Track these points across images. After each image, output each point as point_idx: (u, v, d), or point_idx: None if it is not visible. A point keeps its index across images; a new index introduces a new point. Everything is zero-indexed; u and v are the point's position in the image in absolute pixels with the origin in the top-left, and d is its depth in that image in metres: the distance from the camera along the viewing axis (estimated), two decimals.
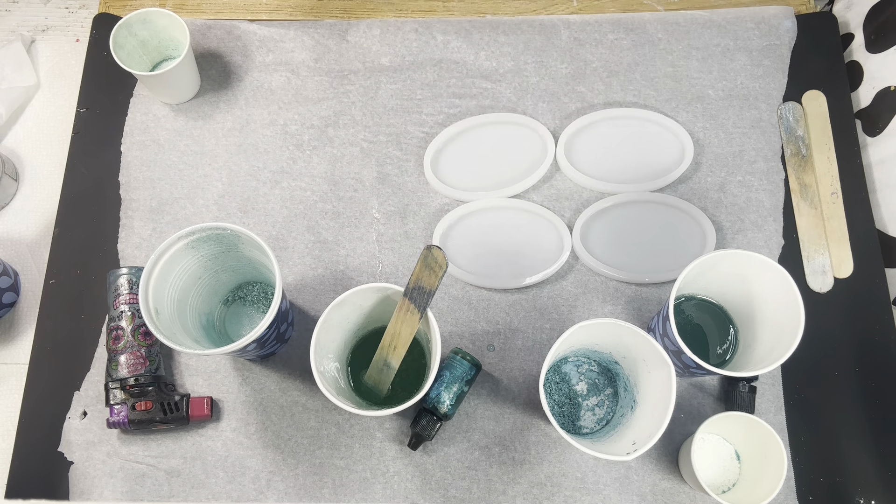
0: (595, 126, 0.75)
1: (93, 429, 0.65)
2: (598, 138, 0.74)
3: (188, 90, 0.75)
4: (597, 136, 0.74)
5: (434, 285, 0.54)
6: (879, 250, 0.71)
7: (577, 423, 0.64)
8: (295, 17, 0.81)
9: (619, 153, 0.74)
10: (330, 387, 0.54)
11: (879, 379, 0.66)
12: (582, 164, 0.73)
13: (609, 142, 0.74)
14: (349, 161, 0.74)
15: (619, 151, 0.74)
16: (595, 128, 0.74)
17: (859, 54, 0.77)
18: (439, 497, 0.63)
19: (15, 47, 0.80)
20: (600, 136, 0.74)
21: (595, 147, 0.74)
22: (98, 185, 0.73)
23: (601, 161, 0.73)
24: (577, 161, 0.73)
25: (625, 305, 0.69)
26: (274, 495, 0.63)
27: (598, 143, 0.74)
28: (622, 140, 0.74)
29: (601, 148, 0.74)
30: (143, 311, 0.53)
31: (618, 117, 0.75)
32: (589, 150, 0.73)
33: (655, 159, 0.74)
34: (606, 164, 0.73)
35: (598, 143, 0.74)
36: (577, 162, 0.73)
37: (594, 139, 0.74)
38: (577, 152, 0.73)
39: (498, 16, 0.81)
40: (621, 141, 0.74)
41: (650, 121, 0.75)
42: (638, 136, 0.74)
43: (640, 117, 0.75)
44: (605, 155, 0.73)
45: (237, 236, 0.57)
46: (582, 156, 0.73)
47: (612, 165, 0.73)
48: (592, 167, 0.73)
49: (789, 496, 0.63)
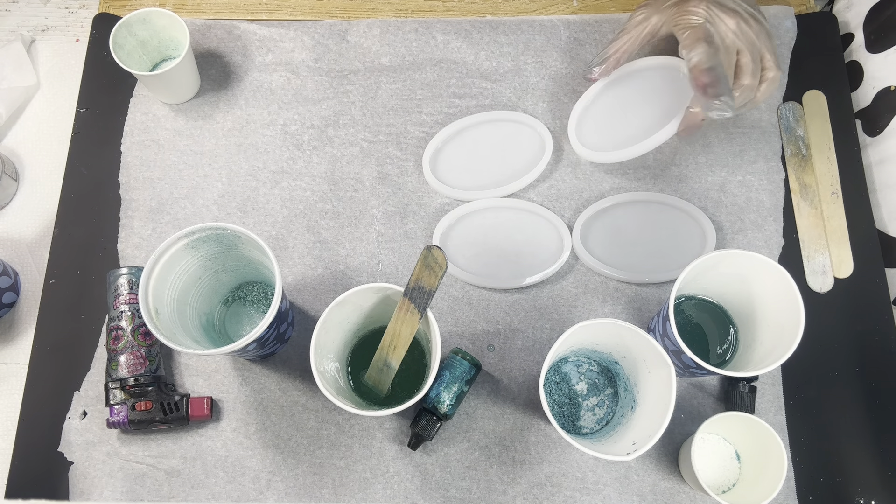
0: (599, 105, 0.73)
1: (93, 429, 0.65)
2: (606, 108, 0.73)
3: (188, 90, 0.75)
4: (605, 105, 0.73)
5: (434, 285, 0.54)
6: (879, 250, 0.71)
7: (577, 423, 0.64)
8: (295, 17, 0.81)
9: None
10: (330, 387, 0.54)
11: (879, 379, 0.66)
12: (589, 140, 0.72)
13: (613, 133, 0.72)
14: (349, 161, 0.74)
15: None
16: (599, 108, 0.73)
17: (859, 54, 0.77)
18: (439, 497, 0.63)
19: (15, 47, 0.80)
20: (607, 105, 0.73)
21: (603, 121, 0.72)
22: (98, 185, 0.73)
23: (608, 134, 0.71)
24: (585, 138, 0.72)
25: (625, 305, 0.69)
26: (274, 495, 0.63)
27: (605, 116, 0.72)
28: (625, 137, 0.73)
29: (608, 124, 0.72)
30: (142, 311, 0.53)
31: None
32: (597, 126, 0.72)
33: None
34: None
35: (605, 114, 0.72)
36: (585, 140, 0.72)
37: (604, 109, 0.73)
38: (586, 128, 0.72)
39: (498, 16, 0.81)
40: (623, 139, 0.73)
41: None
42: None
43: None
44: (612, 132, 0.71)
45: (237, 236, 0.57)
46: (590, 134, 0.72)
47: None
48: (600, 139, 0.71)
49: (789, 496, 0.63)
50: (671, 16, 0.64)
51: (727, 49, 0.61)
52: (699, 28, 0.60)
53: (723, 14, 0.61)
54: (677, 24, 0.63)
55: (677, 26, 0.63)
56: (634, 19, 0.67)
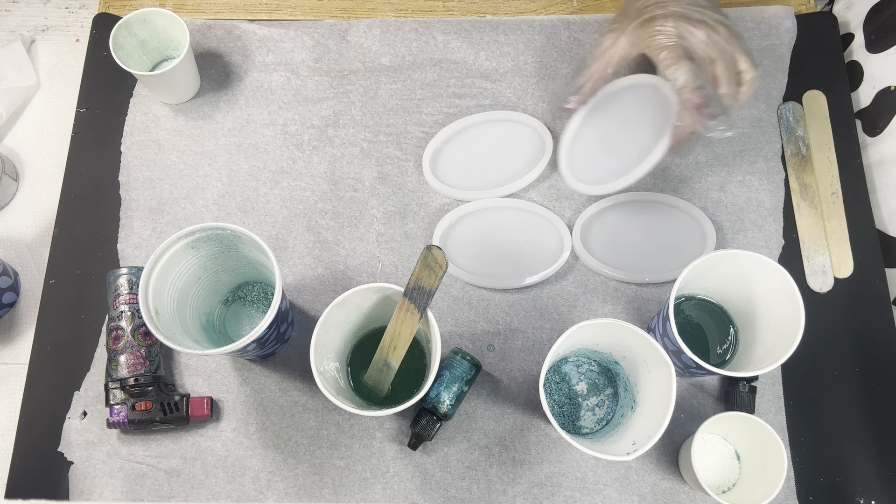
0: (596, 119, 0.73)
1: (93, 429, 0.65)
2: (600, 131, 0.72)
3: (188, 90, 0.75)
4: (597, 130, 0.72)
5: (434, 285, 0.54)
6: (879, 250, 0.71)
7: (577, 423, 0.64)
8: (295, 17, 0.81)
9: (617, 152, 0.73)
10: (330, 387, 0.54)
11: (879, 379, 0.66)
12: (580, 166, 0.72)
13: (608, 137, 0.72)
14: (349, 161, 0.74)
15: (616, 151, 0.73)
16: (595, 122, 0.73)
17: (859, 54, 0.77)
18: (439, 497, 0.63)
19: (15, 47, 0.80)
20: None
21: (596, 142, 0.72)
22: (98, 185, 0.73)
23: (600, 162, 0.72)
24: (577, 164, 0.72)
25: (625, 305, 0.69)
26: (274, 495, 0.63)
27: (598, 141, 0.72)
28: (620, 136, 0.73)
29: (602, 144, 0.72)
30: (142, 311, 0.53)
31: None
32: (588, 158, 0.72)
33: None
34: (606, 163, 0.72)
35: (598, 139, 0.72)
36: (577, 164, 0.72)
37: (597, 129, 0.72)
38: (578, 161, 0.72)
39: (498, 16, 0.81)
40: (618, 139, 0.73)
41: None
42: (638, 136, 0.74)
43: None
44: (604, 153, 0.72)
45: (237, 236, 0.57)
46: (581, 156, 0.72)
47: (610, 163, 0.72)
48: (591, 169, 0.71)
49: (789, 496, 0.63)
50: (640, 37, 0.62)
51: (702, 62, 0.60)
52: (676, 46, 0.59)
53: (691, 27, 0.59)
54: (649, 45, 0.61)
55: (650, 47, 0.61)
56: (603, 45, 0.65)
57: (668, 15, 0.60)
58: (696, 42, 0.59)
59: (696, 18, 0.60)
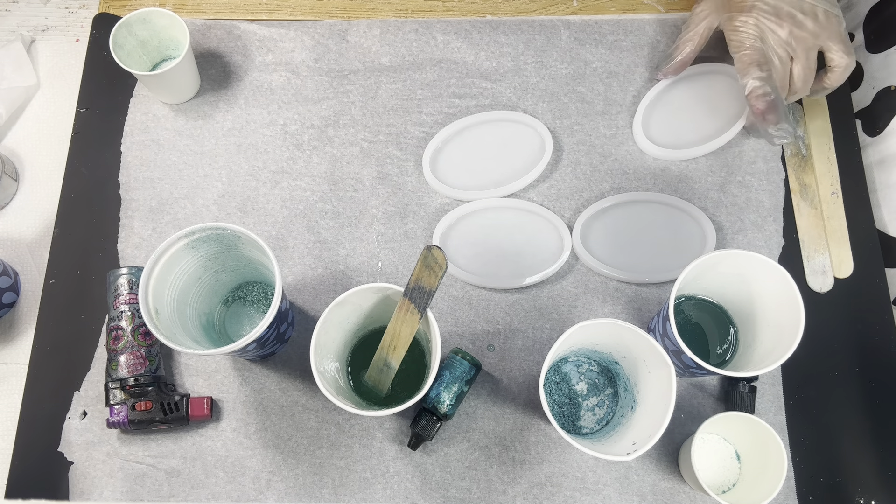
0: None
1: (93, 429, 0.65)
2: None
3: (188, 90, 0.75)
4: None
5: (434, 285, 0.54)
6: (879, 250, 0.71)
7: (577, 423, 0.64)
8: (295, 17, 0.81)
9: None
10: (330, 387, 0.54)
11: (879, 379, 0.66)
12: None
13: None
14: (349, 161, 0.74)
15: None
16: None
17: (859, 54, 0.77)
18: (439, 497, 0.63)
19: (15, 47, 0.80)
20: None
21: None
22: (98, 185, 0.73)
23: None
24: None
25: (625, 305, 0.69)
26: (274, 495, 0.63)
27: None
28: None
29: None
30: (142, 311, 0.53)
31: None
32: (662, 125, 0.75)
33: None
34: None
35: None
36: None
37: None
38: (653, 125, 0.75)
39: (498, 16, 0.81)
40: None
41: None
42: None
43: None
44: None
45: (237, 236, 0.57)
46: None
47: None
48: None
49: (789, 496, 0.63)
50: (724, 24, 0.66)
51: (780, 62, 0.61)
52: (751, 51, 0.61)
53: (773, 25, 0.61)
54: (730, 39, 0.64)
55: (730, 42, 0.65)
56: (697, 15, 0.69)
57: (752, 8, 0.62)
58: (775, 40, 0.61)
59: (785, 11, 0.61)
